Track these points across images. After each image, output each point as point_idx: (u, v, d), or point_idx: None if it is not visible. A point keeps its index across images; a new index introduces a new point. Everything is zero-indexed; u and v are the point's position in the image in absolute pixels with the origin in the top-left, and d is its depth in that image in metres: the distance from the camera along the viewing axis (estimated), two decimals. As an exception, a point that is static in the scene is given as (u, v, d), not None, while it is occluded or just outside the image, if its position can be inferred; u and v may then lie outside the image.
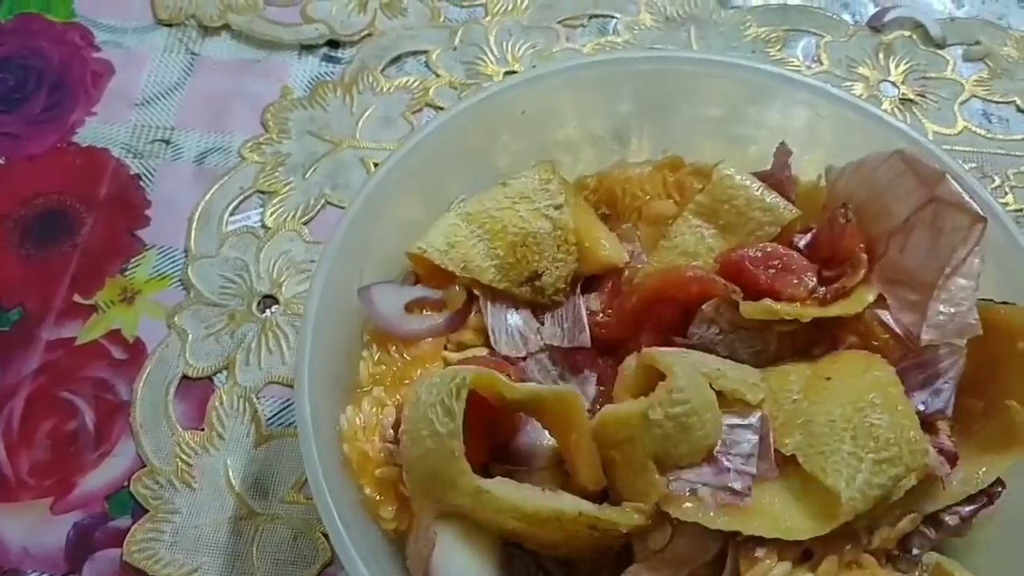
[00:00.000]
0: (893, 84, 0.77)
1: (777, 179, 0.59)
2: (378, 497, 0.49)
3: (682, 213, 0.57)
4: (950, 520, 0.49)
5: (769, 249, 0.54)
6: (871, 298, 0.52)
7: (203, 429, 0.61)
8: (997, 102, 0.76)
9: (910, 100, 0.76)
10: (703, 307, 0.52)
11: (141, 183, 0.70)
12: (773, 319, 0.51)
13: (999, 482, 0.50)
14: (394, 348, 0.54)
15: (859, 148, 0.61)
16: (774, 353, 0.52)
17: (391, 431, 0.51)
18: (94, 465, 0.60)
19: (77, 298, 0.65)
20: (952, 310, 0.50)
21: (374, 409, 0.52)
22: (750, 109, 0.65)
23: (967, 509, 0.49)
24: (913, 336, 0.51)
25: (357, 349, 0.54)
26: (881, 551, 0.50)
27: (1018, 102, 0.76)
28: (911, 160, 0.52)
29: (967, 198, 0.50)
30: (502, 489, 0.45)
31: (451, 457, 0.45)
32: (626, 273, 0.58)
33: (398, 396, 0.52)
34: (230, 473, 0.59)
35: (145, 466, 0.59)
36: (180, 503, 0.58)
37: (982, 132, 0.75)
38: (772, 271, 0.54)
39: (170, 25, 0.77)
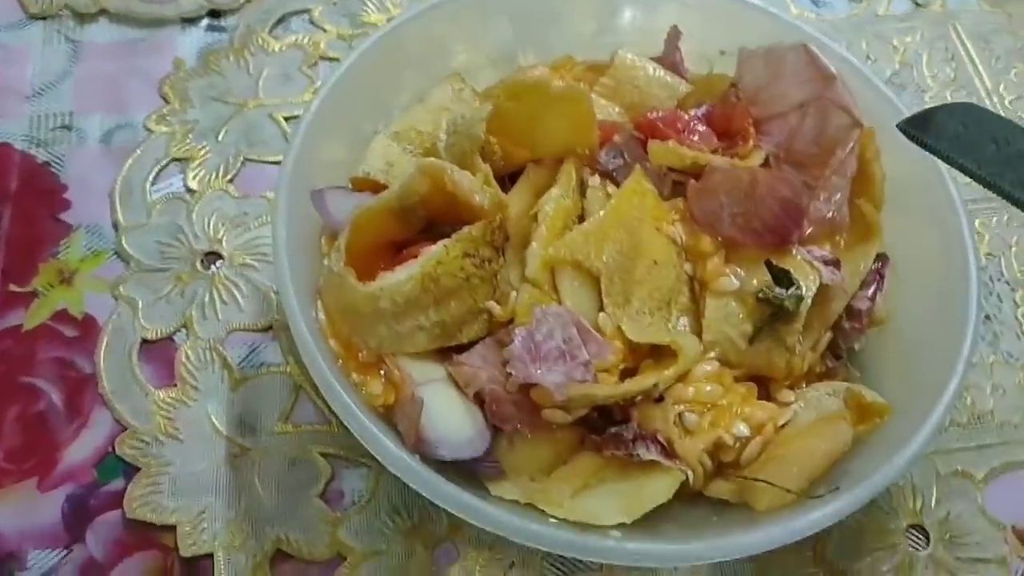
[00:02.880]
0: (732, -15, 0.86)
1: (670, 60, 0.66)
2: (366, 378, 0.54)
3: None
4: (861, 305, 0.58)
5: (678, 114, 0.62)
6: (760, 160, 0.61)
7: (176, 385, 0.62)
8: (820, -12, 0.87)
9: (750, -4, 0.85)
10: (615, 137, 0.60)
11: (52, 169, 0.69)
12: (674, 163, 0.58)
13: (880, 259, 0.60)
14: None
15: (728, 35, 0.69)
16: (666, 196, 0.60)
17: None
18: (72, 439, 0.59)
19: (13, 287, 0.64)
20: (829, 208, 0.60)
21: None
22: (619, 18, 0.72)
23: (868, 291, 0.59)
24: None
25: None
26: (813, 372, 0.59)
27: (839, -14, 0.87)
28: (813, 55, 0.61)
29: (852, 102, 0.60)
30: (389, 278, 0.53)
31: (343, 284, 0.53)
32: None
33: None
34: (213, 419, 0.61)
35: (126, 429, 0.60)
36: (171, 455, 0.59)
37: (813, 16, 0.85)
38: (680, 132, 0.61)
39: (44, 18, 0.76)
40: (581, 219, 0.59)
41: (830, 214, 0.60)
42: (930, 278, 0.61)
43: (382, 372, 0.55)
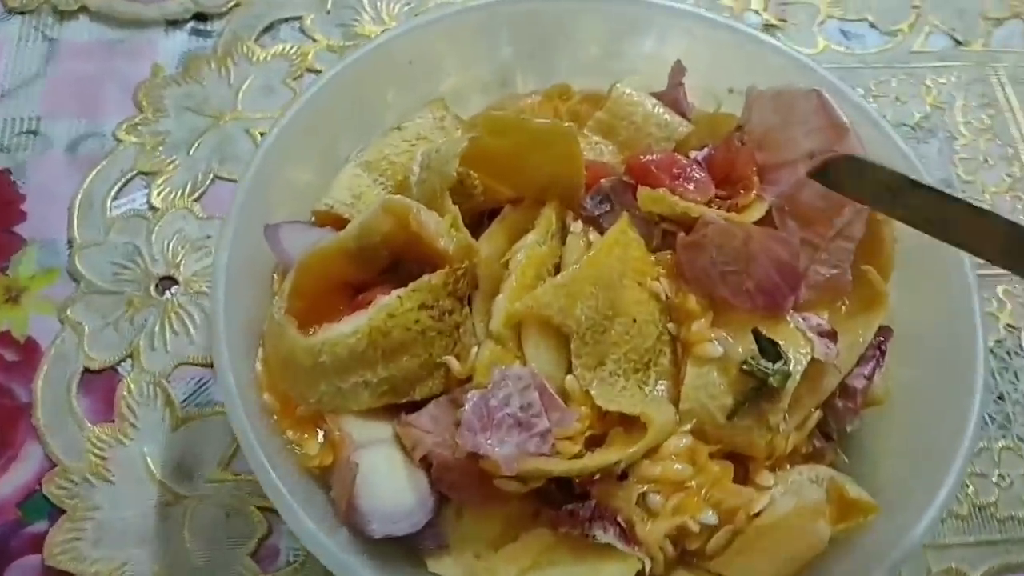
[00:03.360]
0: (756, 12, 0.80)
1: (672, 97, 0.61)
2: (303, 436, 0.50)
3: (581, 131, 0.59)
4: (857, 384, 0.52)
5: (675, 158, 0.56)
6: (761, 213, 0.56)
7: (114, 421, 0.58)
8: (852, 20, 0.80)
9: (773, 26, 0.79)
10: (602, 181, 0.55)
11: (12, 178, 0.66)
12: (664, 212, 0.53)
13: (883, 332, 0.54)
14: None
15: (737, 71, 0.64)
16: (655, 248, 0.55)
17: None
18: (0, 472, 0.56)
19: (-43, 304, 0.61)
20: (831, 272, 0.54)
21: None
22: (625, 44, 0.67)
23: (866, 368, 0.53)
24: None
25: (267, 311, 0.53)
26: (798, 453, 0.53)
27: (870, 18, 0.80)
28: (826, 102, 0.55)
29: None
30: (333, 331, 0.49)
31: (283, 334, 0.49)
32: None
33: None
34: (149, 461, 0.57)
35: (56, 466, 0.56)
36: (99, 499, 0.55)
37: (841, 49, 0.79)
38: (675, 178, 0.56)
39: (23, 13, 0.73)
40: (558, 269, 0.54)
41: (830, 278, 0.55)
42: (934, 353, 0.55)
43: (320, 431, 0.51)
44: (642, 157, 0.57)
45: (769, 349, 0.50)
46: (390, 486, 0.49)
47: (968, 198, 0.46)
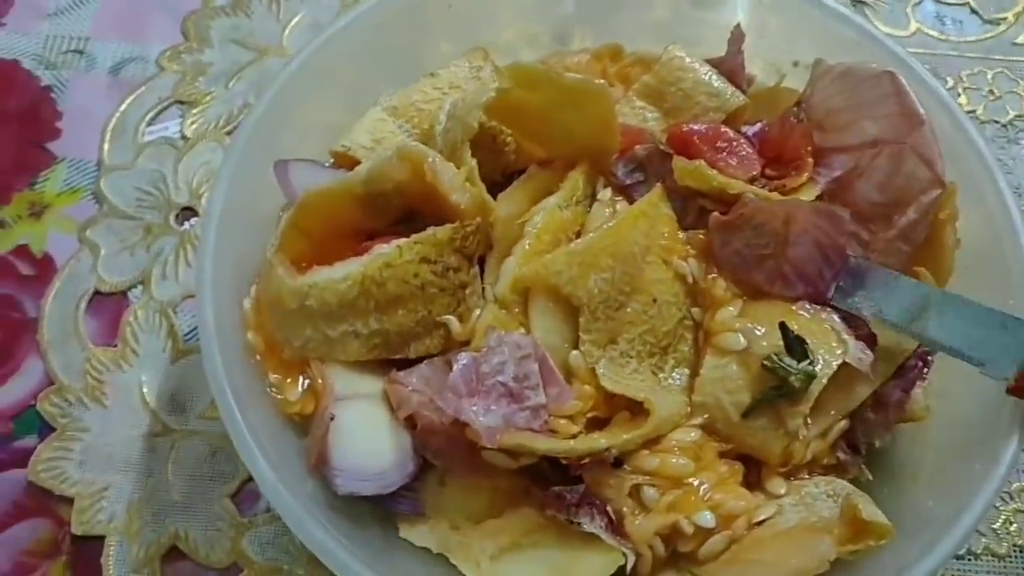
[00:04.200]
0: (846, -13, 0.74)
1: (729, 66, 0.57)
2: (286, 380, 0.47)
3: (626, 94, 0.55)
4: (892, 396, 0.48)
5: (721, 130, 0.52)
6: (810, 198, 0.51)
7: (116, 345, 0.57)
8: (951, 4, 0.73)
9: (862, 2, 0.73)
10: (635, 148, 0.51)
11: (52, 95, 0.66)
12: (702, 187, 0.48)
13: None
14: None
15: (806, 44, 0.59)
16: (689, 226, 0.51)
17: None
18: (-1, 384, 0.56)
19: (-18, 214, 0.61)
20: None
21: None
22: (695, 8, 0.62)
23: (904, 380, 0.48)
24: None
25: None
26: (818, 463, 0.49)
27: (972, 3, 0.73)
28: (901, 87, 0.50)
29: (938, 156, 0.49)
30: (323, 274, 0.46)
31: (271, 273, 0.47)
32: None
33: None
34: (144, 390, 0.56)
35: (53, 384, 0.56)
36: (90, 421, 0.55)
37: (935, 34, 0.72)
38: (719, 152, 0.52)
39: (83, -68, 0.73)
40: (580, 236, 0.50)
41: None
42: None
43: (304, 377, 0.49)
44: (685, 126, 0.53)
45: (796, 346, 0.46)
46: (366, 443, 0.46)
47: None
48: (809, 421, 0.47)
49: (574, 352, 0.47)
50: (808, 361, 0.45)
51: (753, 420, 0.47)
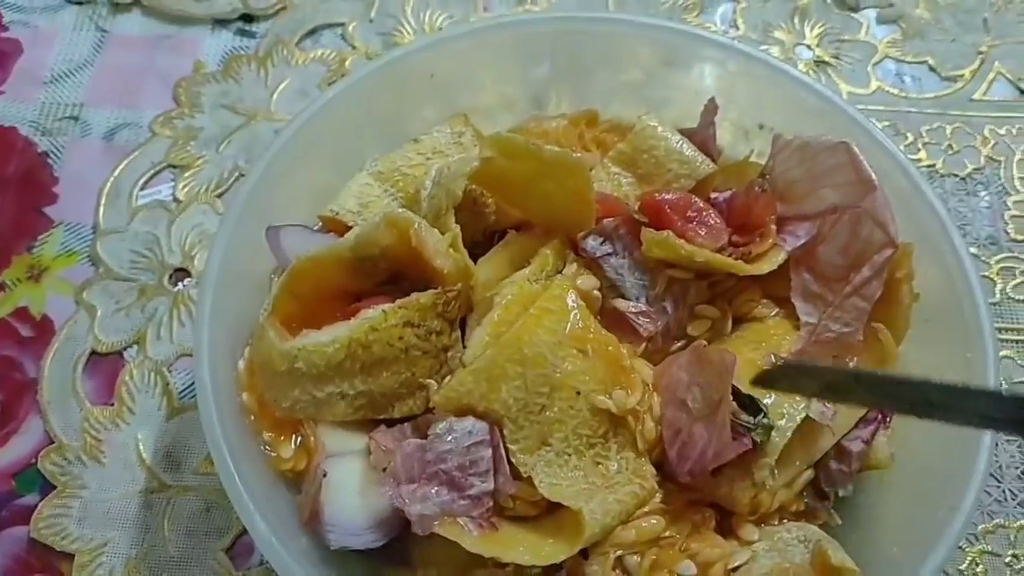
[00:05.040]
0: (808, 47, 0.78)
1: (701, 137, 0.59)
2: (279, 438, 0.49)
3: (602, 161, 0.58)
4: (853, 447, 0.50)
5: (691, 200, 0.54)
6: (776, 263, 0.53)
7: (113, 404, 0.59)
8: (910, 62, 0.77)
9: (825, 62, 0.77)
10: (604, 221, 0.52)
11: (49, 160, 0.68)
12: (670, 257, 0.51)
13: None
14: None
15: (771, 108, 0.62)
16: (657, 296, 0.52)
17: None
18: (1, 443, 0.58)
19: (-18, 277, 0.63)
20: (841, 329, 0.52)
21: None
22: (665, 71, 0.65)
23: (865, 431, 0.51)
24: (802, 321, 0.53)
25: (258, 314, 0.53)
26: (788, 511, 0.51)
27: (931, 61, 0.77)
28: (854, 157, 0.53)
29: (890, 219, 0.51)
30: (311, 338, 0.48)
31: (264, 337, 0.49)
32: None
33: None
34: (140, 447, 0.58)
35: (53, 443, 0.58)
36: (89, 478, 0.57)
37: (895, 91, 0.76)
38: (689, 221, 0.54)
39: (80, 3, 0.76)
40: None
41: (839, 336, 0.52)
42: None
43: (297, 435, 0.51)
44: (657, 195, 0.54)
45: (748, 404, 0.48)
46: (355, 499, 0.48)
47: (911, 376, 0.41)
48: (775, 472, 0.50)
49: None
50: (763, 415, 0.48)
51: (720, 476, 0.49)
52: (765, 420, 0.47)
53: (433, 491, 0.45)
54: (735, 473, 0.49)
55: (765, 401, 0.48)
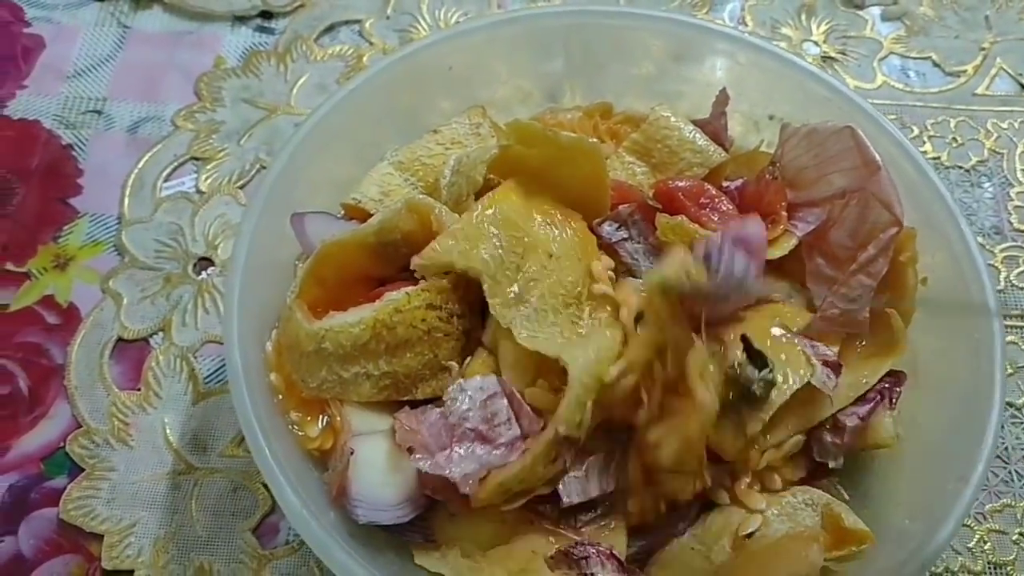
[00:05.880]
0: (815, 43, 0.79)
1: (713, 127, 0.61)
2: (306, 418, 0.51)
3: (616, 151, 0.59)
4: (848, 422, 0.51)
5: (704, 188, 0.56)
6: (781, 252, 0.55)
7: (139, 389, 0.61)
8: (915, 58, 0.79)
9: (831, 58, 0.78)
10: (619, 207, 0.54)
11: (73, 153, 0.70)
12: (684, 241, 0.52)
13: (894, 377, 0.53)
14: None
15: (781, 99, 0.63)
16: None
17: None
18: (29, 427, 0.59)
19: (9, 266, 0.65)
20: (847, 306, 0.53)
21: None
22: (676, 65, 0.67)
23: (863, 409, 0.52)
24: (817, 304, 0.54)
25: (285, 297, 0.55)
26: (788, 480, 0.52)
27: (934, 57, 0.79)
28: (859, 140, 0.54)
29: (895, 198, 0.53)
30: (337, 319, 0.49)
31: (291, 317, 0.50)
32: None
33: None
34: (167, 430, 0.59)
35: (81, 427, 0.59)
36: (117, 461, 0.58)
37: (900, 86, 0.77)
38: (702, 207, 0.56)
39: (101, 0, 0.77)
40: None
41: (844, 312, 0.54)
42: (951, 402, 0.53)
43: (323, 415, 0.52)
44: (670, 182, 0.56)
45: (756, 358, 0.49)
46: (382, 476, 0.49)
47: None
48: (767, 433, 0.51)
49: (529, 390, 0.49)
50: (768, 369, 0.49)
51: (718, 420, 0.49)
52: (769, 375, 0.49)
53: (467, 450, 0.47)
54: (729, 421, 0.49)
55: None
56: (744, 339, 0.49)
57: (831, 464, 0.51)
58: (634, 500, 0.50)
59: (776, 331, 0.52)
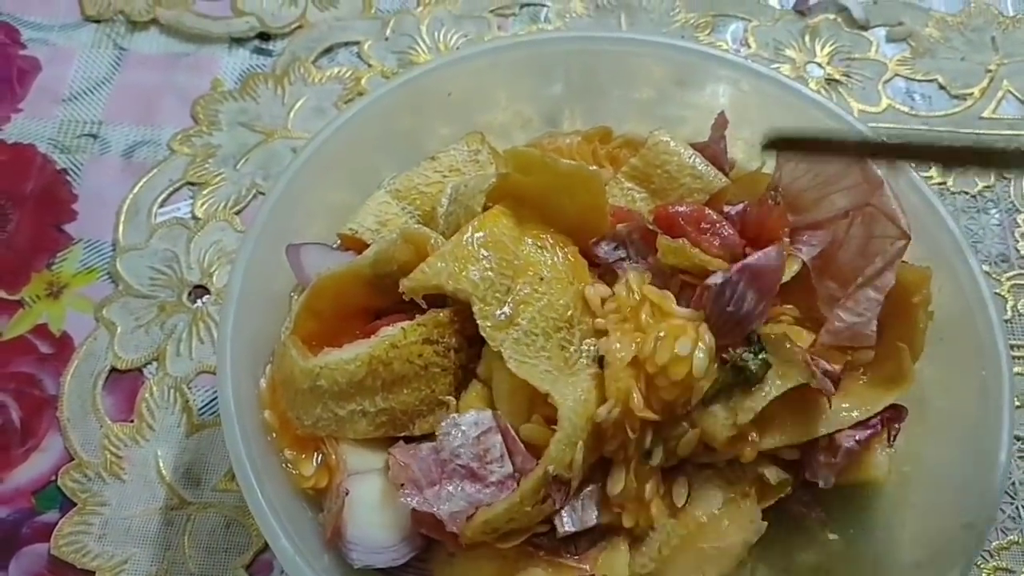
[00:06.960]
0: (819, 65, 0.78)
1: (712, 151, 0.60)
2: (301, 456, 0.50)
3: (615, 176, 0.58)
4: (845, 443, 0.50)
5: (705, 213, 0.55)
6: (792, 272, 0.53)
7: (132, 421, 0.60)
8: (920, 80, 0.78)
9: (835, 80, 0.77)
10: (618, 226, 0.53)
11: (68, 178, 0.69)
12: (684, 264, 0.51)
13: (895, 410, 0.52)
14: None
15: (781, 123, 0.62)
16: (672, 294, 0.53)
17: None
18: (20, 460, 0.58)
19: (2, 294, 0.64)
20: (853, 320, 0.52)
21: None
22: (678, 90, 0.66)
23: (862, 434, 0.51)
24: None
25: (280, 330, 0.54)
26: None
27: (940, 80, 0.77)
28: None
29: (899, 211, 0.52)
30: (333, 356, 0.49)
31: (286, 355, 0.49)
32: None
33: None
34: (160, 464, 0.58)
35: (73, 459, 0.58)
36: (109, 495, 0.57)
37: (905, 109, 0.76)
38: (703, 232, 0.55)
39: (98, 21, 0.76)
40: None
41: (851, 326, 0.53)
42: (957, 433, 0.53)
43: (318, 453, 0.51)
44: (671, 207, 0.56)
45: (753, 339, 0.49)
46: (377, 517, 0.49)
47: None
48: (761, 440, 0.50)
49: (525, 426, 0.49)
50: (764, 351, 0.49)
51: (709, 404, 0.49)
52: (764, 355, 0.48)
53: (456, 487, 0.46)
54: (721, 408, 0.49)
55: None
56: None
57: (821, 484, 0.50)
58: (629, 515, 0.49)
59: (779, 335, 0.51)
